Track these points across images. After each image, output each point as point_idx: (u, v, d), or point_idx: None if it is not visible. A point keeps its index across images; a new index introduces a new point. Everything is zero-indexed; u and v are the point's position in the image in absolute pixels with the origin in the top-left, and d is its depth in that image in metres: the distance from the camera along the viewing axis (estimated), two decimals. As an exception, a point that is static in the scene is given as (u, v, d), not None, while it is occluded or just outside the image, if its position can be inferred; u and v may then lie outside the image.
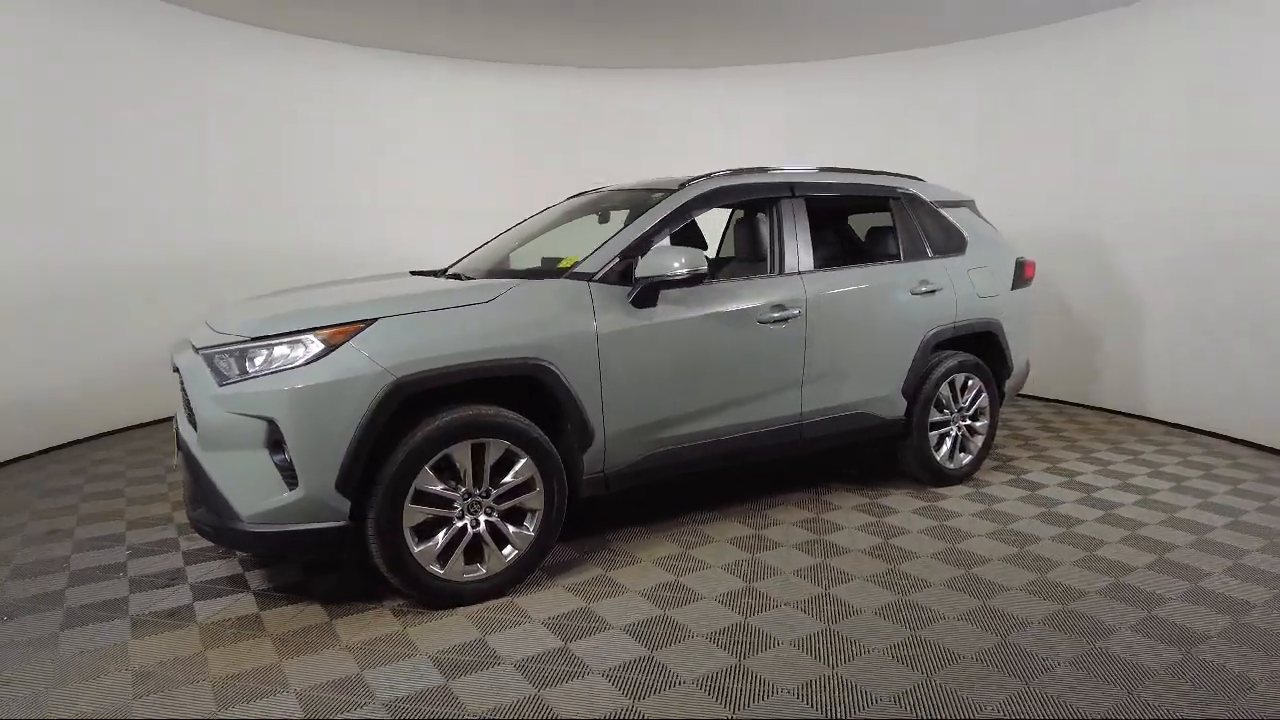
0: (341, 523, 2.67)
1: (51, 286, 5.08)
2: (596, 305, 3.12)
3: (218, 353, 2.74)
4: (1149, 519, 3.79)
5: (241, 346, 2.72)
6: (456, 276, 3.60)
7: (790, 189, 3.82)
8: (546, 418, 3.09)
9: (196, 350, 2.86)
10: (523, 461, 2.95)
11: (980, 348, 4.40)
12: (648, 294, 3.21)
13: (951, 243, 4.35)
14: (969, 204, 4.60)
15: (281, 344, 2.70)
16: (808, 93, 7.47)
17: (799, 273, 3.69)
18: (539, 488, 2.99)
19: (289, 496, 2.62)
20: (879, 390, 3.94)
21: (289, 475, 2.62)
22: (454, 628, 2.73)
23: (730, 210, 5.00)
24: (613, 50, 7.03)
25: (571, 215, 4.28)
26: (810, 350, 3.65)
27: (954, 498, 4.09)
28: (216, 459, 2.69)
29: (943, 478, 4.24)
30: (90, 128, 5.27)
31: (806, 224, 3.81)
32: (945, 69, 6.85)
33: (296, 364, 2.66)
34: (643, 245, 3.30)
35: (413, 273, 3.97)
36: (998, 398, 4.43)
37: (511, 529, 2.96)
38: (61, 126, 5.10)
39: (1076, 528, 3.67)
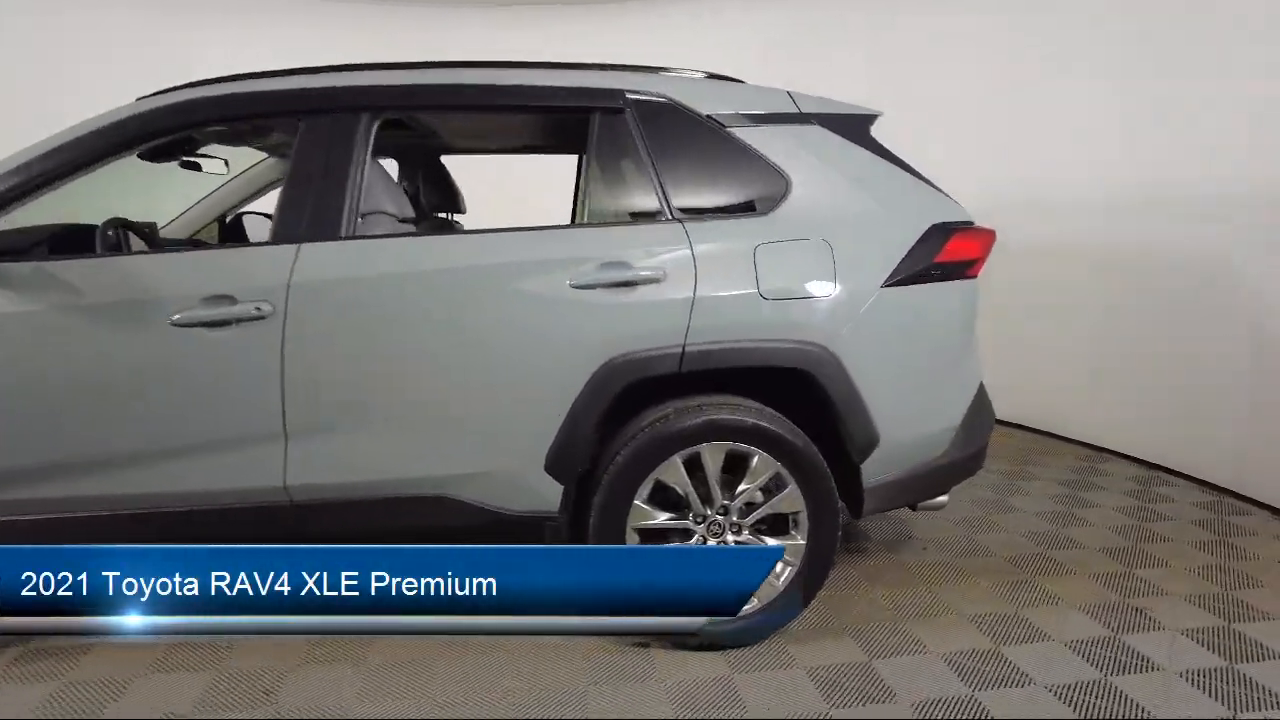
0: None
1: None
2: None
3: None
4: None
5: None
6: None
7: (324, 103, 2.19)
8: None
9: None
10: None
11: (798, 395, 2.26)
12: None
13: (745, 193, 2.27)
14: (841, 119, 2.38)
15: None
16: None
17: (296, 242, 2.09)
18: None
19: None
20: (480, 461, 2.14)
21: None
22: None
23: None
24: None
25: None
26: (295, 378, 2.05)
27: (651, 684, 2.12)
28: None
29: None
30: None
31: (360, 161, 2.16)
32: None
33: None
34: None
35: None
36: (834, 495, 2.23)
37: None
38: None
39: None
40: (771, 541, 2.24)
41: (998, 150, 4.58)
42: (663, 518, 2.21)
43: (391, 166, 3.42)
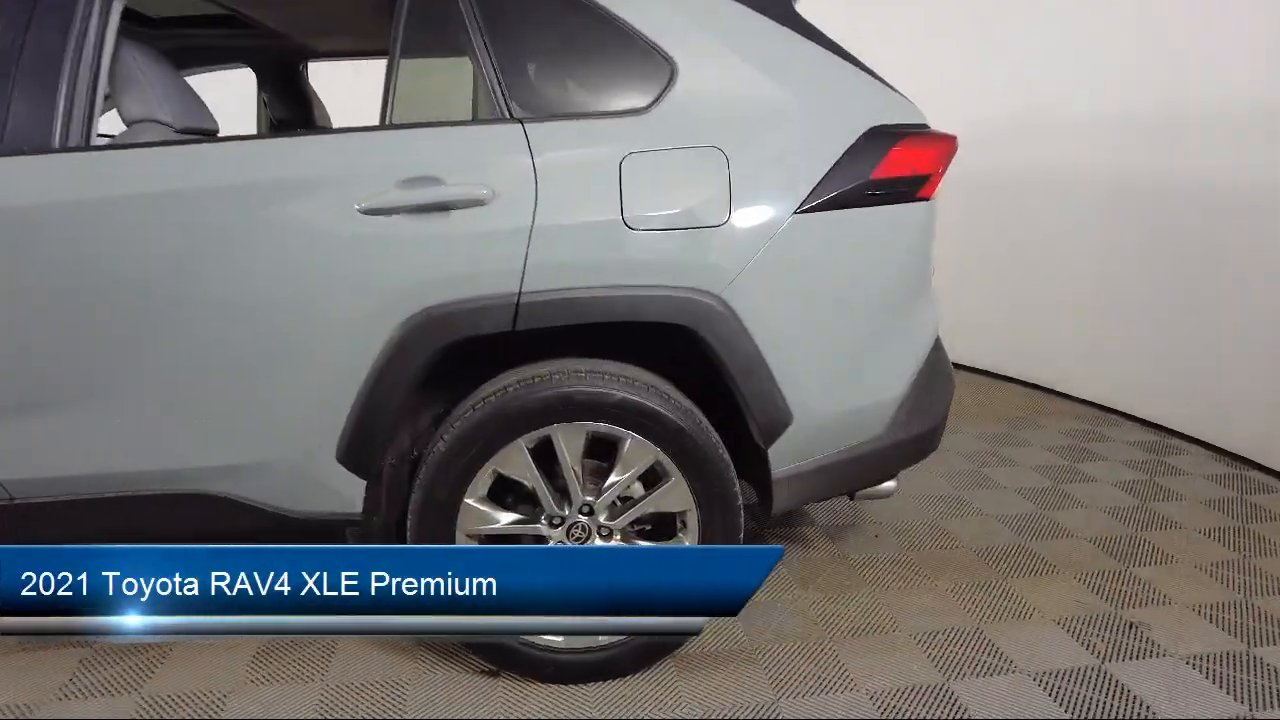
0: None
1: None
2: None
3: None
4: None
5: None
6: None
7: None
8: None
9: None
10: None
11: (685, 357, 1.71)
12: None
13: (612, 82, 1.69)
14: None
15: None
16: None
17: (-25, 154, 1.53)
18: None
19: None
20: (248, 449, 1.61)
21: None
22: None
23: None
24: None
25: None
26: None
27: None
28: None
29: (527, 662, 1.75)
30: None
31: (88, 48, 1.58)
32: None
33: None
34: None
35: None
36: (733, 489, 1.69)
37: None
38: None
39: None
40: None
41: (990, 59, 3.91)
42: (506, 520, 1.69)
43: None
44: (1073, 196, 3.68)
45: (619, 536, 1.73)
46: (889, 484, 1.98)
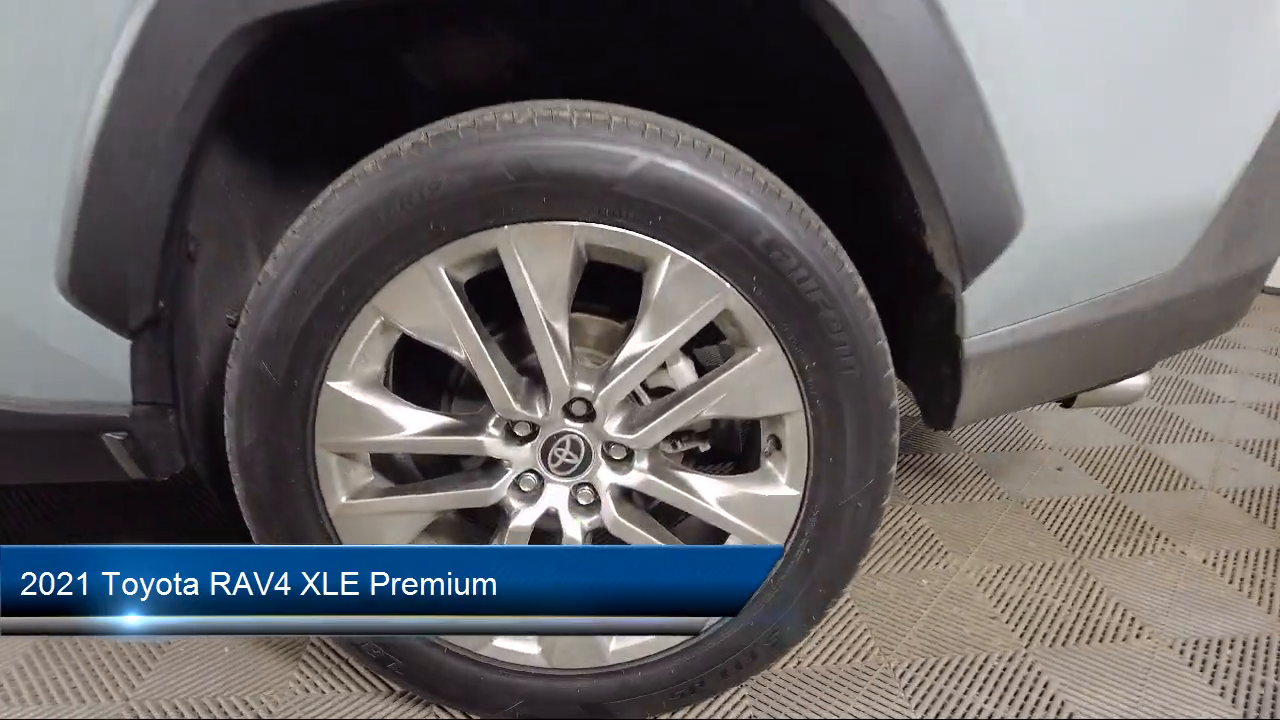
0: None
1: None
2: None
3: None
4: None
5: None
6: None
7: None
8: None
9: None
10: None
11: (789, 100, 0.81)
12: None
13: None
14: None
15: None
16: None
17: None
18: None
19: None
20: None
21: None
22: None
23: None
24: None
25: None
26: None
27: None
28: None
29: (480, 693, 0.94)
30: None
31: None
32: None
33: None
34: None
35: None
36: (882, 371, 0.81)
37: None
38: None
39: None
40: (708, 487, 0.88)
41: None
42: (418, 426, 0.85)
43: None
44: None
45: (647, 463, 0.88)
46: (1138, 380, 1.09)
